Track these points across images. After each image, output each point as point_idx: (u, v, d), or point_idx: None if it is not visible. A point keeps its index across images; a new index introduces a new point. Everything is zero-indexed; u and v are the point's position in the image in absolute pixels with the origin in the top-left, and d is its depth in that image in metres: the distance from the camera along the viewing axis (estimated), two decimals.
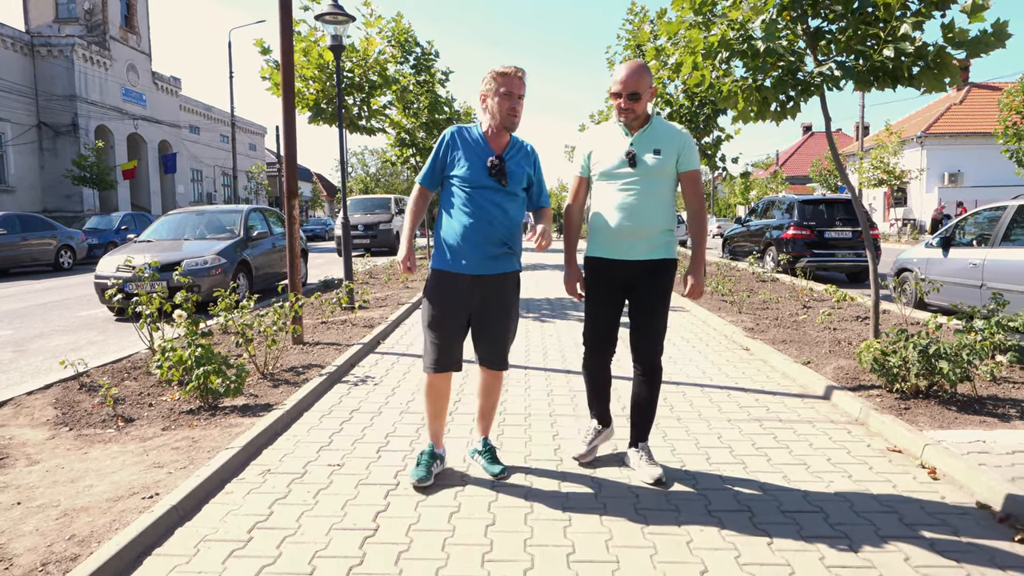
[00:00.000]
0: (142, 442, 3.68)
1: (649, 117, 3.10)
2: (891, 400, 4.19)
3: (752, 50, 5.55)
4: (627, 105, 3.01)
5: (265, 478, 3.21)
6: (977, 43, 5.12)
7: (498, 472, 3.21)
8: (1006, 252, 7.64)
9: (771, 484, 3.13)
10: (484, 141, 3.07)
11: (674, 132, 3.11)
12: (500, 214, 2.98)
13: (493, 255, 3.01)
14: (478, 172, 2.99)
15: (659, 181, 3.05)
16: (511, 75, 2.99)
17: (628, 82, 2.98)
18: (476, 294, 3.03)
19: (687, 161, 3.08)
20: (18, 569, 2.35)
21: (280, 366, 5.30)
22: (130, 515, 2.73)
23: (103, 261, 9.40)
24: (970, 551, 2.51)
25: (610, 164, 3.09)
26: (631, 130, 3.10)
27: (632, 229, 3.04)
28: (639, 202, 3.03)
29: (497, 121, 3.02)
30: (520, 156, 3.10)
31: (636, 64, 3.02)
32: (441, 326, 3.05)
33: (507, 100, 2.99)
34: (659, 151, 3.04)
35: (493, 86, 3.00)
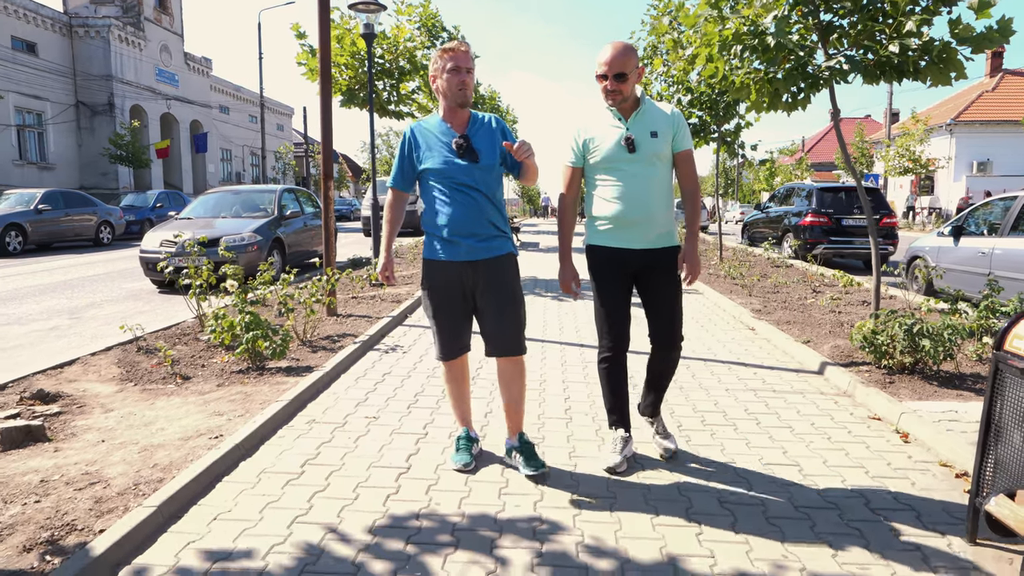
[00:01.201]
0: (201, 395, 4.18)
1: (639, 100, 3.02)
2: (879, 375, 4.55)
3: (763, 45, 5.84)
4: (614, 87, 2.92)
5: (311, 426, 3.69)
6: (982, 39, 5.35)
7: (538, 468, 3.05)
8: (1014, 242, 7.84)
9: (756, 443, 3.52)
10: (444, 125, 3.01)
11: (666, 113, 3.03)
12: (479, 194, 2.95)
13: (483, 238, 2.97)
14: (448, 156, 2.94)
15: (658, 165, 2.99)
16: (456, 49, 2.93)
17: (613, 63, 2.89)
18: (472, 280, 2.99)
19: (682, 140, 3.03)
20: (115, 488, 2.83)
21: (317, 335, 5.78)
22: (200, 451, 3.22)
23: (148, 237, 9.95)
24: (924, 500, 2.89)
25: (608, 151, 3.00)
26: (624, 115, 3.01)
27: (636, 217, 2.98)
28: (640, 188, 2.97)
29: (451, 96, 2.94)
30: (484, 130, 3.02)
31: (620, 44, 2.93)
32: (442, 315, 3.06)
33: (456, 75, 2.91)
34: (656, 133, 2.97)
35: (440, 63, 2.94)
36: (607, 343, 3.11)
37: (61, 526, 2.51)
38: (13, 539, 2.42)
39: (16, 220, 15.46)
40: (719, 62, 6.38)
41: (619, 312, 3.09)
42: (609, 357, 3.12)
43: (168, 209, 22.52)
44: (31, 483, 2.90)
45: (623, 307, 3.10)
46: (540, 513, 2.73)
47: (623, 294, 3.09)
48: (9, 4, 26.36)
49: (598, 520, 2.68)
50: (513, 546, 2.47)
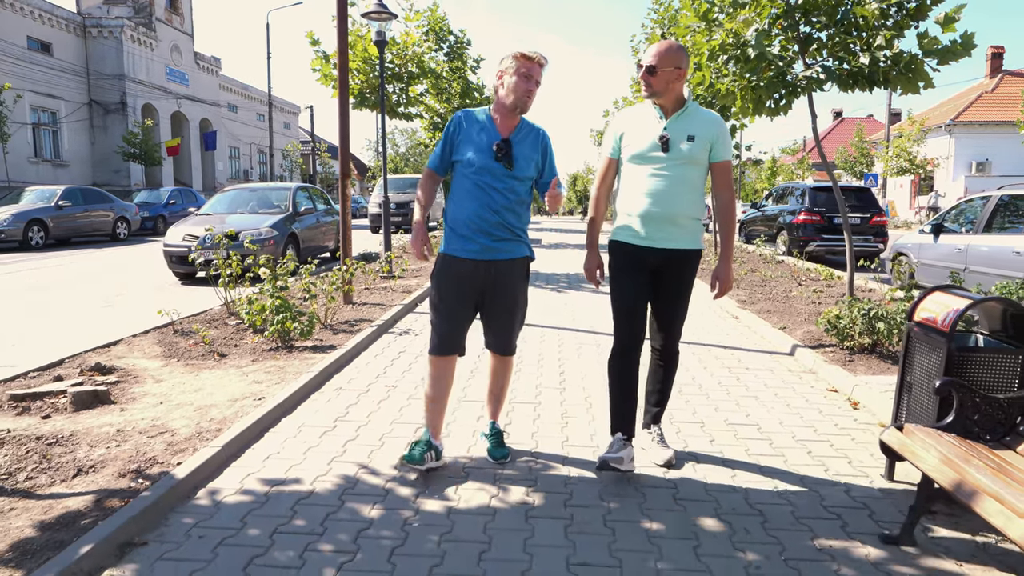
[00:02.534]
0: (239, 368, 4.74)
1: (685, 101, 3.00)
2: (841, 355, 5.09)
3: (745, 56, 6.37)
4: (644, 78, 2.96)
5: (339, 393, 4.25)
6: (947, 52, 5.88)
7: (500, 456, 3.21)
8: (987, 239, 8.35)
9: (724, 408, 4.07)
10: (492, 124, 3.03)
11: (710, 119, 3.00)
12: (506, 199, 2.97)
13: (499, 240, 2.99)
14: (484, 155, 2.96)
15: (690, 168, 2.96)
16: (535, 60, 2.99)
17: (649, 55, 2.96)
18: (483, 280, 3.02)
19: (720, 151, 2.99)
20: (182, 435, 3.39)
21: (336, 319, 6.34)
22: (247, 409, 3.78)
23: (171, 231, 10.53)
24: (858, 450, 3.43)
25: (642, 147, 2.99)
26: (666, 114, 2.99)
27: (660, 215, 2.95)
28: (669, 188, 2.94)
29: (512, 99, 2.98)
30: (528, 139, 3.05)
31: (663, 42, 2.98)
32: (447, 310, 3.06)
33: (525, 82, 2.96)
34: (693, 137, 2.94)
35: (515, 65, 2.97)
36: (619, 339, 3.10)
37: (144, 461, 3.07)
38: (107, 470, 2.99)
39: (39, 216, 16.06)
40: (706, 71, 6.92)
41: (635, 310, 3.06)
42: (620, 353, 3.10)
43: (180, 206, 23.15)
44: (109, 433, 3.47)
45: (639, 305, 3.07)
46: (536, 451, 3.29)
47: (640, 292, 3.06)
48: (25, 5, 26.98)
49: (582, 459, 3.23)
50: (511, 479, 3.03)
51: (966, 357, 2.70)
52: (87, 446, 3.28)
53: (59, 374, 4.64)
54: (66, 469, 3.01)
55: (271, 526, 2.57)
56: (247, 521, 2.61)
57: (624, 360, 3.09)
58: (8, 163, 23.54)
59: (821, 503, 2.84)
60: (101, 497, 2.72)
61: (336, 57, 10.23)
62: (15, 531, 2.45)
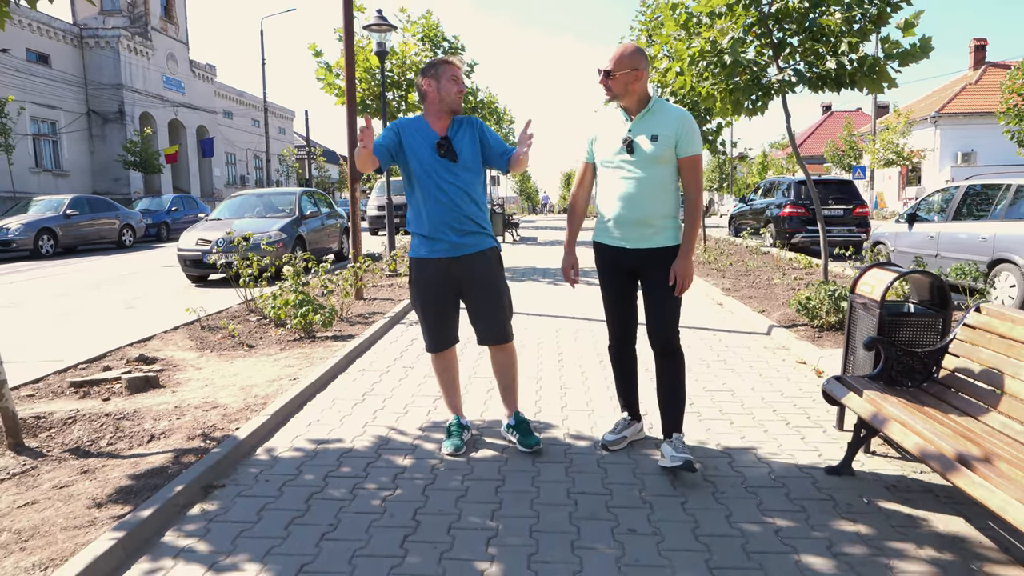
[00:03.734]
0: (269, 356, 5.26)
1: (648, 99, 3.01)
2: (811, 332, 5.64)
3: (722, 62, 6.92)
4: (602, 82, 3.01)
5: (363, 373, 4.79)
6: (907, 54, 6.43)
7: (533, 445, 3.26)
8: (955, 226, 8.91)
9: (703, 378, 4.61)
10: (428, 127, 3.19)
11: (673, 116, 2.97)
12: (461, 192, 3.12)
13: (465, 234, 3.14)
14: (429, 155, 3.11)
15: (658, 168, 2.95)
16: (455, 63, 3.19)
17: (606, 60, 3.02)
18: (457, 276, 3.17)
19: (686, 146, 2.95)
20: (233, 409, 3.92)
21: (351, 313, 6.87)
22: (285, 387, 4.31)
23: (184, 237, 11.02)
24: (815, 407, 3.97)
25: (610, 151, 3.04)
26: (631, 115, 3.02)
27: (633, 218, 2.99)
28: (638, 190, 2.97)
29: (447, 103, 3.15)
30: (463, 131, 3.20)
31: (623, 46, 3.00)
32: (431, 311, 3.25)
33: (455, 84, 3.13)
34: (656, 137, 2.93)
35: (443, 70, 3.14)
36: (611, 333, 3.30)
37: (206, 428, 3.60)
38: (176, 436, 3.51)
39: (48, 225, 16.53)
40: (688, 75, 7.46)
41: (619, 307, 3.21)
42: (614, 346, 3.32)
43: (182, 213, 23.65)
44: (167, 409, 3.99)
45: (623, 303, 3.20)
46: (538, 417, 3.83)
47: (624, 290, 3.17)
48: (24, 18, 27.39)
49: (579, 421, 3.77)
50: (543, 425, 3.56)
51: (896, 321, 3.25)
52: (151, 420, 3.81)
53: (107, 365, 5.16)
54: (140, 436, 3.53)
55: (322, 472, 3.10)
56: (302, 469, 3.14)
57: (619, 350, 3.30)
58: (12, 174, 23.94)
59: (779, 447, 3.38)
60: (177, 455, 3.25)
61: (337, 67, 10.77)
62: (114, 480, 2.98)
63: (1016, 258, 7.60)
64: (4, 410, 3.48)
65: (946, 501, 2.78)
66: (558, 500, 2.83)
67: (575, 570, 2.31)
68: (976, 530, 2.55)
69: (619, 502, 2.80)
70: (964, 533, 2.53)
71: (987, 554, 2.39)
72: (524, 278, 10.15)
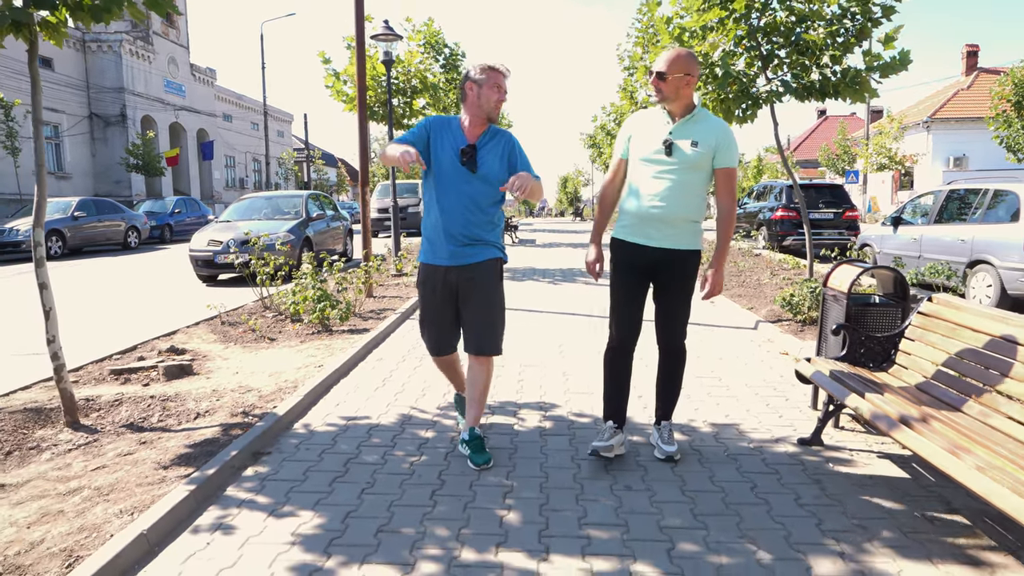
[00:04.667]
0: (291, 348, 5.67)
1: (693, 108, 3.09)
2: (795, 327, 6.07)
3: (713, 74, 7.35)
4: (654, 83, 3.06)
5: (381, 361, 5.20)
6: (887, 67, 6.89)
7: (482, 463, 3.17)
8: (937, 229, 9.36)
9: (694, 366, 5.02)
10: (460, 130, 3.17)
11: (715, 126, 3.07)
12: (470, 202, 3.09)
13: (466, 244, 3.13)
14: (451, 158, 3.10)
15: (692, 173, 3.04)
16: (501, 71, 3.13)
17: (659, 61, 3.05)
18: (456, 284, 3.18)
19: (724, 158, 3.06)
20: (266, 392, 4.32)
21: (363, 309, 7.28)
22: (311, 373, 4.71)
23: (196, 238, 11.39)
24: (793, 392, 4.38)
25: (648, 150, 3.09)
26: (674, 119, 3.09)
27: (658, 216, 3.05)
28: (669, 190, 3.03)
29: (485, 110, 3.11)
30: (494, 143, 3.15)
31: (675, 50, 3.07)
32: (430, 316, 3.29)
33: (497, 92, 3.09)
34: (696, 143, 3.02)
35: (486, 77, 3.08)
36: (614, 334, 3.24)
37: (246, 407, 4.00)
38: (219, 414, 3.91)
39: (57, 226, 16.87)
40: None
41: (630, 306, 3.18)
42: (614, 348, 3.24)
43: (185, 215, 24.05)
44: (206, 392, 4.39)
45: (635, 301, 3.19)
46: (543, 399, 4.24)
47: (636, 289, 3.18)
48: None
49: (581, 400, 4.18)
50: (528, 414, 3.98)
51: (862, 310, 3.67)
52: (193, 401, 4.21)
53: (140, 355, 5.55)
54: (187, 415, 3.93)
55: (355, 443, 3.51)
56: (336, 440, 3.55)
57: (619, 354, 3.24)
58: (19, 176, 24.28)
59: (759, 423, 3.80)
60: (224, 429, 3.65)
61: (345, 75, 11.19)
62: (173, 448, 3.38)
63: (992, 259, 8.04)
64: (63, 391, 3.87)
65: (899, 464, 3.20)
66: (563, 464, 3.24)
67: (580, 516, 2.72)
68: (921, 487, 2.97)
69: (616, 466, 3.21)
70: (911, 489, 2.95)
71: (929, 503, 2.81)
72: (524, 278, 10.57)
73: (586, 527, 2.63)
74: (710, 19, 7.33)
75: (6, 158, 22.97)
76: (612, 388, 3.28)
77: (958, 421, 2.63)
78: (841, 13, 6.91)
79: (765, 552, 2.44)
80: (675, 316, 3.20)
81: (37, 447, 3.49)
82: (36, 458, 3.35)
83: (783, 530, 2.60)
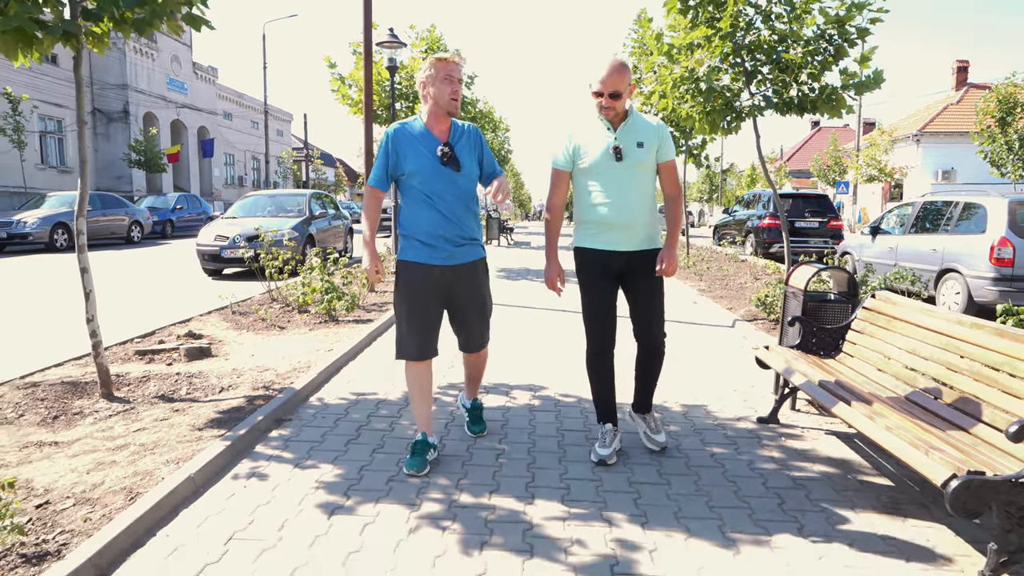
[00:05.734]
0: (301, 335, 6.10)
1: (628, 112, 3.18)
2: (768, 325, 6.54)
3: (699, 88, 7.83)
4: (608, 104, 3.08)
5: (385, 348, 5.64)
6: (862, 85, 7.36)
7: (478, 431, 3.58)
8: (911, 239, 9.85)
9: (672, 358, 5.48)
10: (427, 131, 3.10)
11: (652, 125, 3.19)
12: (460, 201, 3.10)
13: (459, 243, 3.12)
14: (430, 162, 3.04)
15: (642, 173, 3.15)
16: (450, 60, 3.07)
17: (608, 82, 3.05)
18: (449, 283, 3.13)
19: (665, 152, 3.20)
20: (283, 371, 4.76)
21: (366, 302, 7.72)
22: (322, 356, 5.15)
23: (202, 233, 11.81)
24: (759, 381, 4.85)
25: (596, 158, 3.15)
26: (613, 125, 3.15)
27: (621, 221, 3.14)
28: (626, 194, 3.12)
29: (442, 106, 3.05)
30: (465, 139, 3.15)
31: (616, 63, 3.06)
32: (420, 316, 3.11)
33: (449, 84, 3.02)
34: (642, 144, 3.13)
35: (434, 72, 3.03)
36: (593, 341, 3.30)
37: (265, 383, 4.44)
38: (241, 388, 4.35)
39: (63, 220, 17.24)
40: (670, 98, 8.37)
41: (605, 312, 3.25)
42: (596, 355, 3.31)
43: (186, 211, 24.47)
44: (227, 371, 4.83)
45: (609, 307, 3.26)
46: (533, 382, 4.69)
47: (609, 295, 3.26)
48: None
49: (570, 382, 4.63)
50: (519, 393, 4.43)
51: (818, 305, 4.14)
52: (215, 378, 4.64)
53: (160, 339, 5.98)
54: (212, 389, 4.37)
55: (365, 413, 3.96)
56: (349, 411, 4.00)
57: (599, 359, 3.31)
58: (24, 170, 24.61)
59: (724, 405, 4.27)
60: (248, 400, 4.09)
61: (350, 79, 11.64)
62: (204, 415, 3.81)
63: (961, 268, 8.53)
64: (100, 365, 4.30)
65: (843, 439, 3.67)
66: (549, 434, 3.70)
67: (561, 473, 3.17)
68: (859, 457, 3.43)
69: (594, 435, 3.66)
70: (850, 458, 3.41)
71: (862, 469, 3.27)
72: (519, 277, 11.04)
73: (566, 480, 3.09)
74: (697, 37, 7.81)
75: (11, 152, 23.29)
76: (601, 389, 3.35)
77: (880, 395, 3.09)
78: (819, 34, 7.40)
79: (717, 501, 2.90)
80: (652, 311, 3.29)
81: (80, 413, 3.91)
82: (81, 422, 3.77)
83: (734, 486, 3.06)
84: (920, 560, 2.44)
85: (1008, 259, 8.00)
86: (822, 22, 7.33)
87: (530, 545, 2.51)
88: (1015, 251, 7.96)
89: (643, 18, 9.77)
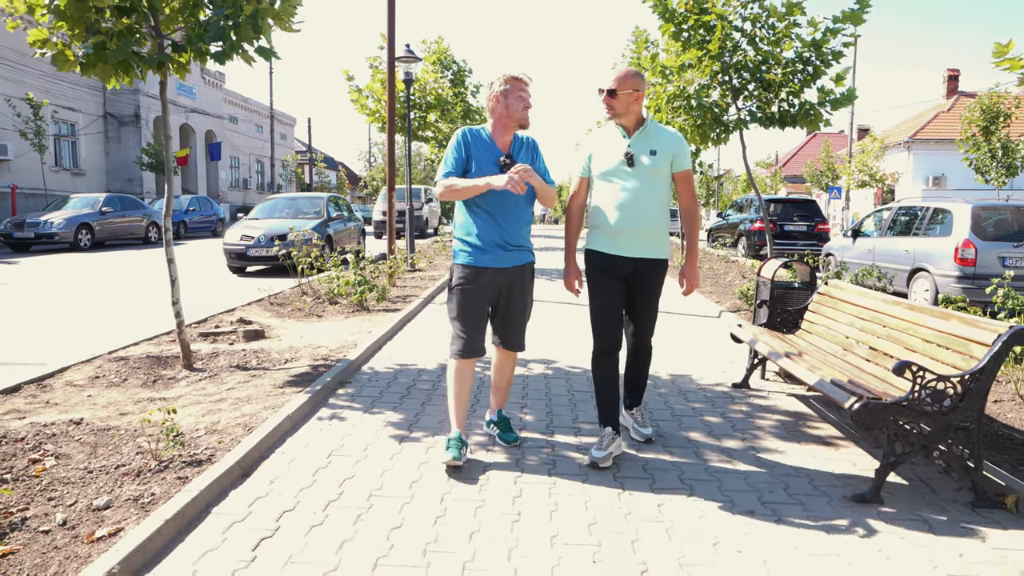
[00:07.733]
0: (338, 322, 6.95)
1: (644, 120, 3.29)
2: (750, 315, 7.40)
3: (689, 105, 8.71)
4: (605, 100, 3.24)
5: (416, 331, 6.52)
6: (837, 101, 8.25)
7: (512, 440, 3.57)
8: (887, 241, 10.70)
9: (662, 343, 6.34)
10: (492, 142, 3.29)
11: (668, 135, 3.29)
12: (514, 210, 3.25)
13: (511, 248, 3.26)
14: (490, 171, 3.20)
15: (655, 180, 3.23)
16: (525, 81, 3.26)
17: (609, 79, 3.24)
18: (498, 286, 3.28)
19: (681, 162, 3.29)
20: (332, 347, 5.60)
21: (391, 295, 8.57)
22: (363, 336, 6.00)
23: (229, 233, 12.63)
24: (738, 359, 5.70)
25: (610, 164, 3.27)
26: (628, 133, 3.28)
27: (629, 226, 3.23)
28: (635, 200, 3.21)
29: (515, 119, 3.25)
30: (524, 151, 3.32)
31: (623, 68, 3.24)
32: (468, 317, 3.27)
33: (522, 101, 3.24)
34: (655, 152, 3.22)
35: (509, 88, 3.22)
36: (599, 342, 3.40)
37: (322, 356, 5.28)
38: (302, 360, 5.19)
39: (86, 220, 18.07)
40: (664, 113, 9.25)
41: (611, 313, 3.36)
42: (601, 356, 3.41)
43: (199, 213, 25.35)
44: (284, 348, 5.67)
45: (615, 309, 3.37)
46: (546, 356, 5.54)
47: (615, 297, 3.35)
48: None
49: (581, 368, 5.49)
50: (535, 365, 5.28)
51: (784, 293, 5.00)
52: (276, 353, 5.48)
53: (216, 324, 6.82)
54: (277, 361, 5.21)
55: (410, 379, 4.82)
56: (396, 377, 4.85)
57: (606, 360, 3.40)
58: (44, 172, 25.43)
59: (705, 375, 5.13)
60: (312, 367, 4.94)
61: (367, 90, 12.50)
62: (279, 378, 4.66)
63: (929, 267, 9.40)
64: (183, 341, 5.14)
65: (801, 400, 4.53)
66: (561, 392, 4.57)
67: (574, 418, 4.03)
68: (811, 412, 4.29)
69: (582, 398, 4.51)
70: (804, 412, 4.27)
71: (811, 418, 4.13)
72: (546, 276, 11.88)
73: (578, 423, 3.95)
74: (689, 58, 8.69)
75: (31, 154, 24.12)
76: (605, 391, 3.41)
77: (822, 358, 3.96)
78: (798, 56, 8.28)
79: (693, 438, 3.76)
80: (647, 317, 3.45)
81: (174, 379, 4.76)
82: (176, 385, 4.61)
83: (708, 428, 3.92)
84: (841, 469, 3.30)
85: (971, 259, 8.87)
86: (800, 46, 8.21)
87: (552, 461, 3.37)
88: (977, 252, 8.84)
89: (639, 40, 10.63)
